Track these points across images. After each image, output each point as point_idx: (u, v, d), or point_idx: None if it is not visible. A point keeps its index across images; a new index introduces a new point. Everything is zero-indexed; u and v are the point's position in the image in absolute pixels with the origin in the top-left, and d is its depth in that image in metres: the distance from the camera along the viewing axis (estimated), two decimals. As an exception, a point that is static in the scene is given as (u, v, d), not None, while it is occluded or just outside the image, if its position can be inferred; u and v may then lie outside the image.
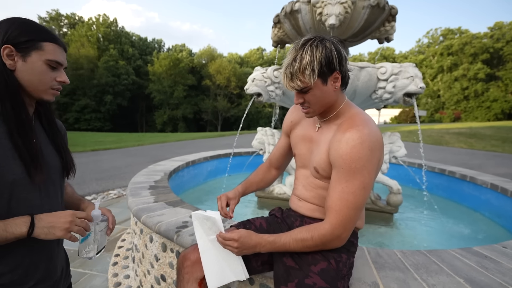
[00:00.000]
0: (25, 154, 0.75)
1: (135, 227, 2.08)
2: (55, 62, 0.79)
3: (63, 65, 0.83)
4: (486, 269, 1.26)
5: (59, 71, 0.82)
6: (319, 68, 0.92)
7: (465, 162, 8.17)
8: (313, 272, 0.97)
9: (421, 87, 2.14)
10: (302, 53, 0.92)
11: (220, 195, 1.22)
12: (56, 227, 0.74)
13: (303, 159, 1.16)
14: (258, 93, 2.51)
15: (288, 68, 0.95)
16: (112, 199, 4.24)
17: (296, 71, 0.93)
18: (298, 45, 0.94)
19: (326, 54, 0.92)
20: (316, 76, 0.92)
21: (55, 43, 0.80)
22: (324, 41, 0.93)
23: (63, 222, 0.75)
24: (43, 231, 0.73)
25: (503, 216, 2.77)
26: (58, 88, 0.83)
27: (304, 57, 0.91)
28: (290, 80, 0.96)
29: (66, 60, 0.85)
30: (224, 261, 1.07)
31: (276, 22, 2.88)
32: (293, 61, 0.93)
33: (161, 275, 1.69)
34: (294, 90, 0.99)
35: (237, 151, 4.63)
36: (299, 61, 0.92)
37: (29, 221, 0.72)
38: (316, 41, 0.93)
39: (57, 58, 0.80)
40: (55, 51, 0.79)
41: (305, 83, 0.94)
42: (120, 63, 34.39)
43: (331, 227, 0.95)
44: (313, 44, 0.92)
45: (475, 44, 39.47)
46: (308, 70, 0.91)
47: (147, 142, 13.30)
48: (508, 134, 14.90)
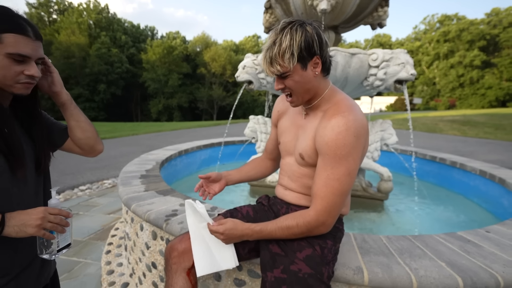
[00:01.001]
0: (2, 146, 0.73)
1: (126, 215, 2.08)
2: (18, 55, 0.71)
3: (31, 57, 0.74)
4: (468, 253, 1.29)
5: (28, 63, 0.74)
6: (298, 52, 0.90)
7: (458, 149, 8.26)
8: (298, 259, 0.99)
9: (412, 74, 2.13)
10: (281, 36, 0.90)
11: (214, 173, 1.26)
12: (27, 224, 0.71)
13: (288, 146, 1.16)
14: (249, 80, 2.48)
15: (268, 52, 0.93)
16: (106, 189, 4.24)
17: (275, 55, 0.92)
18: (277, 29, 0.92)
19: (306, 38, 0.90)
20: (296, 61, 0.91)
21: (19, 33, 0.71)
22: (304, 25, 0.91)
23: (34, 219, 0.72)
24: (14, 229, 0.71)
25: (490, 201, 2.83)
26: (28, 82, 0.76)
27: (284, 40, 0.90)
28: (269, 64, 0.95)
29: (38, 50, 0.76)
30: (214, 249, 1.08)
31: (268, 7, 2.82)
32: (272, 45, 0.92)
33: (152, 262, 1.71)
34: (274, 75, 0.98)
35: (229, 139, 4.62)
36: (279, 45, 0.90)
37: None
38: (296, 24, 0.91)
39: (20, 51, 0.71)
40: (17, 43, 0.71)
41: (284, 67, 0.93)
42: (113, 51, 33.62)
43: (316, 213, 0.95)
44: (293, 28, 0.90)
45: (472, 30, 39.20)
46: (287, 54, 0.90)
47: (142, 131, 13.20)
48: (501, 121, 15.04)
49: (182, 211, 1.67)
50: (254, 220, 1.21)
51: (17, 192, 0.79)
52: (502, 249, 1.33)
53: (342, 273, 1.15)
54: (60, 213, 0.78)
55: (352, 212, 2.66)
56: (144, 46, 37.57)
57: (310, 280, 0.95)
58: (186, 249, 1.10)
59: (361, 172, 2.93)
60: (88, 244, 2.51)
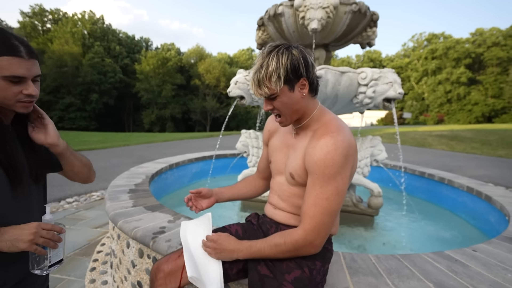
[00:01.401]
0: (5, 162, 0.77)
1: (112, 232, 2.03)
2: (14, 77, 0.73)
3: (27, 77, 0.75)
4: (456, 273, 1.29)
5: (25, 83, 0.76)
6: (285, 75, 0.93)
7: (446, 164, 8.42)
8: (287, 281, 0.98)
9: (399, 93, 2.19)
10: (268, 60, 0.93)
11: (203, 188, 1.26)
12: (19, 239, 0.72)
13: (278, 165, 1.16)
14: (241, 96, 2.50)
15: (255, 75, 0.96)
16: (94, 201, 4.14)
17: (263, 78, 0.94)
18: (264, 52, 0.96)
19: (292, 61, 0.93)
20: (282, 83, 0.94)
21: (12, 55, 0.72)
22: (290, 48, 0.94)
23: (27, 234, 0.73)
24: (6, 244, 0.72)
25: (477, 218, 2.86)
26: (27, 101, 0.77)
27: (270, 64, 0.92)
28: (257, 87, 0.97)
29: (33, 69, 0.76)
30: (202, 270, 1.05)
31: (260, 24, 2.89)
32: (259, 68, 0.94)
33: (137, 281, 1.66)
34: (262, 97, 1.00)
35: (221, 153, 4.61)
36: (265, 68, 0.93)
37: None
38: (282, 48, 0.94)
39: (15, 73, 0.72)
40: (11, 65, 0.72)
41: (272, 89, 0.95)
42: (107, 61, 33.63)
43: (304, 232, 0.95)
44: (279, 51, 0.93)
45: (458, 49, 40.83)
46: (274, 77, 0.93)
47: (134, 142, 13.06)
48: (487, 137, 15.46)
49: (170, 228, 1.64)
50: (243, 239, 1.20)
51: (15, 207, 0.80)
52: (489, 269, 1.34)
53: (330, 295, 1.14)
54: (53, 228, 0.78)
55: (344, 227, 2.66)
56: (139, 57, 37.71)
57: None
58: (173, 270, 1.07)
59: (351, 187, 2.94)
60: (72, 260, 2.43)
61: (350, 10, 2.47)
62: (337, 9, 2.43)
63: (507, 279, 1.26)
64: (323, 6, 2.36)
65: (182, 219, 1.78)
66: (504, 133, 16.39)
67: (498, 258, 1.46)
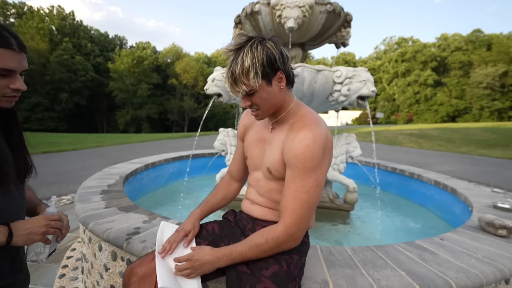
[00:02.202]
0: None
1: (83, 235, 1.93)
2: (3, 70, 0.70)
3: (16, 71, 0.73)
4: (425, 261, 1.36)
5: (13, 77, 0.73)
6: (262, 70, 0.91)
7: (416, 160, 8.88)
8: (265, 277, 0.97)
9: (372, 91, 2.27)
10: (243, 55, 0.90)
11: (177, 228, 1.15)
12: (33, 232, 0.77)
13: (255, 160, 1.14)
14: (218, 93, 2.47)
15: (230, 72, 0.93)
16: (64, 205, 3.91)
17: (239, 75, 0.91)
18: (237, 45, 0.93)
19: (268, 55, 0.91)
20: (260, 79, 0.92)
21: (3, 47, 0.70)
22: (264, 42, 0.92)
23: (39, 227, 0.78)
24: (22, 238, 0.76)
25: (444, 209, 3.04)
26: (13, 95, 0.76)
27: (246, 59, 0.89)
28: (234, 84, 0.94)
29: (22, 63, 0.75)
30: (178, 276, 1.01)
31: (238, 22, 2.88)
32: (234, 65, 0.91)
33: (110, 285, 1.58)
34: (240, 94, 0.97)
35: (199, 152, 4.54)
36: (241, 64, 0.90)
37: (6, 231, 0.73)
38: (256, 42, 0.91)
39: (6, 66, 0.70)
40: (2, 58, 0.69)
41: (250, 86, 0.93)
42: (77, 58, 31.95)
43: (285, 227, 0.95)
44: (253, 46, 0.90)
45: (425, 52, 43.33)
46: (251, 73, 0.90)
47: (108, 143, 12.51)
48: (451, 135, 16.52)
49: (145, 228, 1.58)
50: (220, 237, 1.17)
51: (3, 204, 0.78)
52: (455, 256, 1.42)
53: (308, 287, 1.15)
54: (59, 219, 0.84)
55: (320, 223, 2.71)
56: (112, 56, 36.20)
57: None
58: (147, 273, 1.02)
59: (328, 184, 3.01)
60: (39, 268, 2.27)
61: (325, 10, 2.52)
62: (312, 9, 2.47)
63: (471, 264, 1.34)
64: (299, 5, 2.39)
65: (158, 219, 1.72)
66: (467, 132, 17.60)
67: (463, 246, 1.55)
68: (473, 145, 13.41)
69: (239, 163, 1.28)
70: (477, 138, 15.08)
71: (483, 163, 9.01)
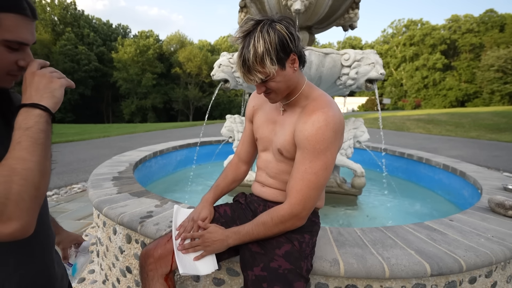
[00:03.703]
0: None
1: (97, 220, 1.99)
2: (17, 43, 0.58)
3: (29, 43, 0.60)
4: (434, 241, 1.37)
5: (23, 51, 0.61)
6: (276, 55, 0.88)
7: (423, 146, 8.79)
8: (278, 255, 1.00)
9: (381, 73, 2.23)
10: (254, 42, 0.86)
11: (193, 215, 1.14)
12: (52, 83, 0.61)
13: (265, 141, 1.15)
14: (224, 79, 2.46)
15: (242, 60, 0.89)
16: (76, 193, 4.02)
17: (253, 64, 0.88)
18: (245, 31, 0.89)
19: (280, 39, 0.87)
20: (276, 64, 0.89)
21: (18, 12, 0.56)
22: (273, 24, 0.88)
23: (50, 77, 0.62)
24: (48, 98, 0.60)
25: (452, 193, 3.03)
26: (18, 74, 0.64)
27: (258, 46, 0.85)
28: (248, 73, 0.91)
29: (34, 34, 0.61)
30: (194, 254, 1.05)
31: (243, 6, 2.82)
32: (246, 52, 0.87)
33: (126, 267, 1.64)
34: (254, 82, 0.95)
35: (206, 139, 4.56)
36: (254, 52, 0.86)
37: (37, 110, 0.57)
38: (266, 25, 0.87)
39: (20, 37, 0.57)
40: (17, 27, 0.56)
41: (265, 73, 0.90)
42: (79, 48, 31.87)
43: (290, 206, 0.97)
44: (263, 31, 0.86)
45: (434, 35, 41.96)
46: (266, 60, 0.87)
47: (114, 133, 12.64)
48: (460, 120, 16.23)
49: (158, 212, 1.62)
50: (232, 219, 1.20)
51: None
52: (464, 236, 1.43)
53: (319, 266, 1.18)
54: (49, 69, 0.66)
55: (328, 207, 2.73)
56: (115, 45, 35.98)
57: (289, 276, 0.96)
58: (163, 255, 1.06)
59: (336, 169, 3.01)
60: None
61: (333, -9, 2.45)
62: (319, -10, 2.41)
63: (480, 243, 1.35)
64: (306, -14, 2.33)
65: (169, 203, 1.76)
66: (476, 116, 17.26)
67: (472, 226, 1.56)
68: (483, 129, 13.18)
69: (248, 144, 1.28)
70: (487, 123, 14.80)
71: (493, 148, 8.88)
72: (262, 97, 1.15)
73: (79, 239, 1.05)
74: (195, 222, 1.10)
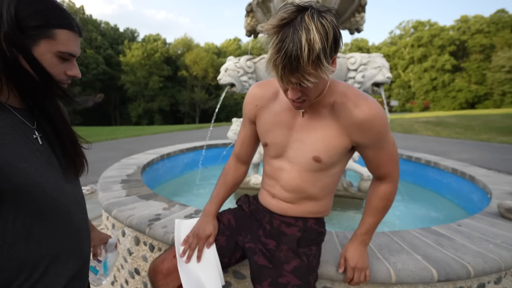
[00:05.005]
0: None
1: (106, 222, 2.02)
2: (68, 54, 0.66)
3: (76, 55, 0.69)
4: (442, 246, 1.36)
5: (71, 62, 0.69)
6: (330, 53, 0.70)
7: (432, 149, 8.67)
8: (287, 271, 0.99)
9: (388, 77, 2.23)
10: (307, 35, 0.65)
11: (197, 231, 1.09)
12: None
13: (278, 148, 1.01)
14: (231, 83, 2.49)
15: (286, 58, 0.67)
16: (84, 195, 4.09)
17: (305, 63, 0.67)
18: (292, 24, 0.66)
19: (334, 33, 0.69)
20: (331, 65, 0.72)
21: (70, 29, 0.65)
22: (323, 14, 0.68)
23: None
24: None
25: (461, 197, 2.99)
26: (66, 83, 0.71)
27: (314, 41, 0.65)
28: (290, 74, 0.70)
29: (79, 48, 0.71)
30: (200, 271, 1.04)
31: (249, 11, 2.85)
32: (291, 47, 0.66)
33: (135, 269, 1.67)
34: (294, 86, 0.75)
35: (212, 142, 4.60)
36: (308, 48, 0.65)
37: None
38: (315, 15, 0.66)
39: (71, 50, 0.66)
40: (69, 40, 0.65)
41: (318, 76, 0.71)
42: (88, 52, 32.49)
43: (395, 183, 1.02)
44: (314, 20, 0.65)
45: (443, 36, 41.42)
46: (323, 60, 0.68)
47: (122, 135, 12.82)
48: (470, 122, 15.96)
49: (166, 215, 1.65)
50: (237, 230, 1.14)
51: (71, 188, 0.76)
52: (472, 241, 1.42)
53: (325, 270, 1.18)
54: None
55: (334, 211, 2.73)
56: (122, 48, 36.57)
57: None
58: (171, 269, 1.05)
59: (342, 172, 3.00)
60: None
61: (339, -5, 2.46)
62: (325, -6, 2.42)
63: (489, 249, 1.33)
64: (311, -10, 2.34)
65: (177, 206, 1.79)
66: (486, 118, 16.95)
67: (481, 231, 1.54)
68: (493, 132, 12.93)
69: (248, 145, 1.16)
70: (498, 125, 14.51)
71: (504, 151, 8.70)
72: (265, 95, 1.02)
73: (107, 238, 1.08)
74: (200, 240, 1.07)
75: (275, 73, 0.73)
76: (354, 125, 0.88)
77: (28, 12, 0.59)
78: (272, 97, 1.01)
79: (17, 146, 0.62)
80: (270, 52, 0.70)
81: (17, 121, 0.65)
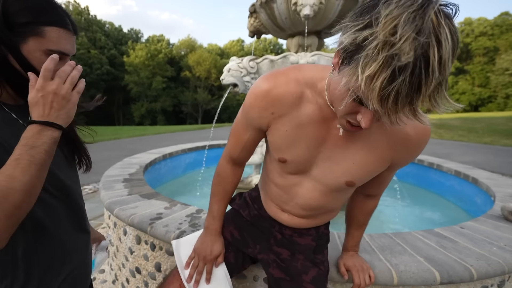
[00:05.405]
0: None
1: (108, 220, 2.03)
2: (59, 53, 0.63)
3: (70, 54, 0.67)
4: (445, 248, 1.35)
5: (63, 61, 0.65)
6: None
7: (435, 151, 8.62)
8: (306, 282, 0.96)
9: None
10: (440, 47, 0.44)
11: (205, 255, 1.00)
12: (70, 102, 0.62)
13: (301, 165, 0.83)
14: (234, 83, 2.49)
15: (412, 86, 0.46)
16: (87, 194, 4.11)
17: (435, 89, 0.48)
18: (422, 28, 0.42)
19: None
20: None
21: (62, 27, 0.63)
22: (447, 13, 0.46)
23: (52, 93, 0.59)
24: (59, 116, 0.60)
25: (464, 200, 2.97)
26: None
27: (444, 54, 0.45)
28: (409, 103, 0.50)
29: (74, 47, 0.68)
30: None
31: (252, 11, 2.86)
32: (422, 70, 0.44)
33: (136, 267, 1.67)
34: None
35: (215, 143, 4.60)
36: (438, 70, 0.45)
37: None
38: (441, 16, 0.44)
39: (61, 48, 0.63)
40: (60, 39, 0.62)
41: None
42: (92, 52, 32.72)
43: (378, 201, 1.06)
44: (446, 22, 0.44)
45: (446, 38, 41.21)
46: (444, 89, 0.50)
47: (124, 135, 12.88)
48: (474, 125, 15.86)
49: (167, 214, 1.65)
50: (242, 243, 1.07)
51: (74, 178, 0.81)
52: (475, 244, 1.41)
53: (326, 271, 1.18)
54: None
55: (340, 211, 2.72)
56: (126, 49, 36.80)
57: None
58: None
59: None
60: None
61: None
62: (329, -5, 2.42)
63: (492, 252, 1.32)
64: (315, -9, 2.35)
65: (179, 206, 1.79)
66: (490, 121, 16.85)
67: (484, 234, 1.53)
68: (497, 135, 12.84)
69: (247, 151, 0.94)
70: (502, 128, 14.41)
71: (508, 154, 8.63)
72: (285, 99, 0.74)
73: (101, 238, 1.09)
74: (208, 262, 0.99)
75: (386, 110, 0.50)
76: (402, 142, 0.72)
77: (16, 8, 0.57)
78: (295, 102, 0.74)
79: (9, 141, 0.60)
80: (375, 68, 0.44)
81: (9, 118, 0.65)
